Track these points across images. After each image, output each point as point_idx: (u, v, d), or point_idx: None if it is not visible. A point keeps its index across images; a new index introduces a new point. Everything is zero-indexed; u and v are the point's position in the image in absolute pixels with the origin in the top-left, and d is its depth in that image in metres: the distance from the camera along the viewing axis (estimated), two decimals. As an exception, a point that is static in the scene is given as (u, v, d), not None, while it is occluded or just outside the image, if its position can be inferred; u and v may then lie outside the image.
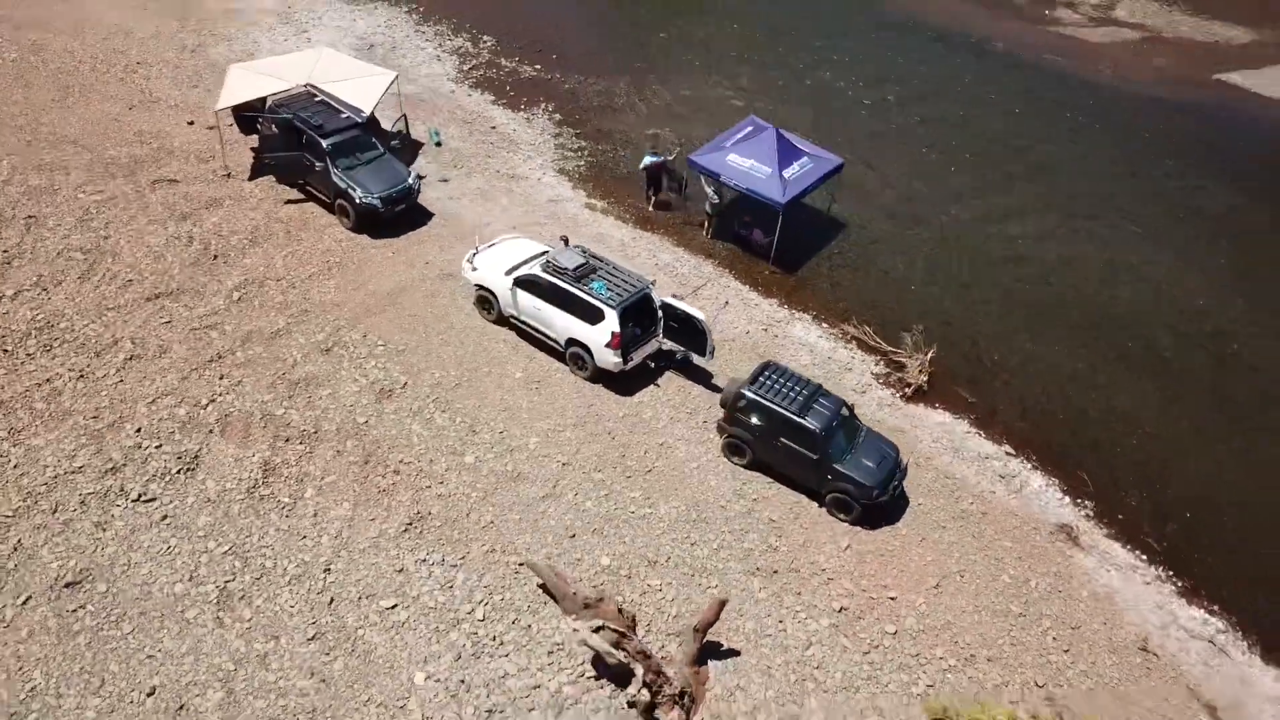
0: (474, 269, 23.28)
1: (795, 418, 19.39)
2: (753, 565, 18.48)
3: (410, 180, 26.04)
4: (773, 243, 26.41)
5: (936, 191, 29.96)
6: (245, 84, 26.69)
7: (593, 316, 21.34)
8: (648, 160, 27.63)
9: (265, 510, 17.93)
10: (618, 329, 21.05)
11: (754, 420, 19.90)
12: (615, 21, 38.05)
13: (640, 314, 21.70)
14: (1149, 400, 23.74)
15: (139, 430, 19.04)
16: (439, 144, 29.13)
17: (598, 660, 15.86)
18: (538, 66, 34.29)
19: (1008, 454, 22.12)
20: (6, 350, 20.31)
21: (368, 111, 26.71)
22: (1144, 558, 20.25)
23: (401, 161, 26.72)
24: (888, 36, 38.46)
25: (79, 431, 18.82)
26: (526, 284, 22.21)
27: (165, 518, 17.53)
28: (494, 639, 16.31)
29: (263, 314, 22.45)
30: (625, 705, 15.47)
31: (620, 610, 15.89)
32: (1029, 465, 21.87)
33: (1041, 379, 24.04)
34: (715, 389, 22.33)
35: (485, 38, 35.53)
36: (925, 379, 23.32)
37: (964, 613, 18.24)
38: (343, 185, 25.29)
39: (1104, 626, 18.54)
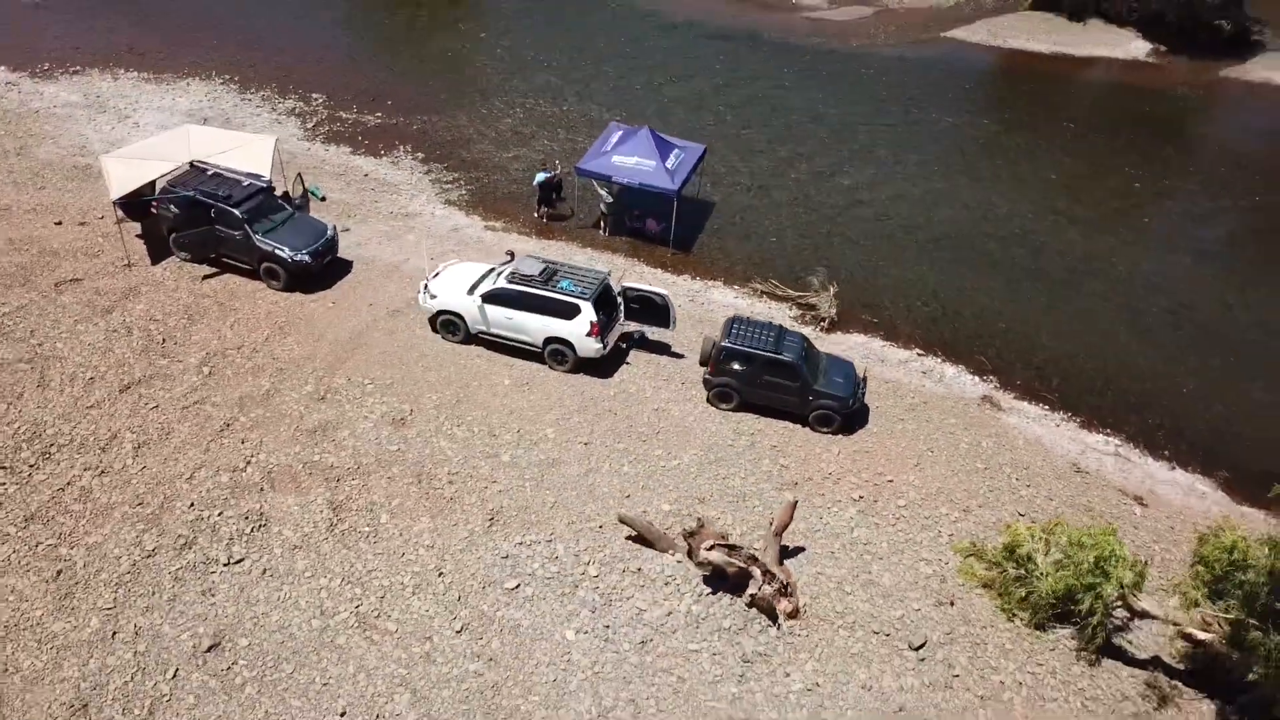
0: (432, 297, 24.82)
1: (775, 355, 22.79)
2: (777, 483, 21.64)
3: (331, 232, 27.02)
4: (669, 228, 29.64)
5: (769, 163, 34.34)
6: (129, 171, 26.44)
7: (568, 313, 23.65)
8: (540, 177, 30.02)
9: (353, 541, 18.98)
10: (595, 319, 23.52)
11: (736, 367, 23.08)
12: (430, 61, 39.75)
13: (605, 303, 24.25)
14: (998, 292, 29.23)
15: (192, 505, 19.38)
16: (323, 198, 30.02)
17: (711, 577, 18.45)
18: (379, 114, 35.56)
19: (919, 355, 26.65)
20: (4, 467, 19.80)
21: (267, 174, 27.33)
22: (1046, 408, 25.34)
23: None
24: (678, 38, 42.80)
25: (132, 520, 18.93)
26: (494, 298, 24.12)
27: (265, 571, 18.20)
28: (614, 588, 18.46)
29: (242, 380, 22.90)
30: (746, 606, 18.16)
31: (729, 548, 18.53)
32: (939, 360, 26.49)
33: (917, 293, 28.86)
34: (677, 355, 25.27)
35: (314, 95, 36.28)
36: (835, 312, 27.42)
37: (947, 478, 22.35)
38: (268, 248, 25.87)
39: (1044, 462, 23.31)
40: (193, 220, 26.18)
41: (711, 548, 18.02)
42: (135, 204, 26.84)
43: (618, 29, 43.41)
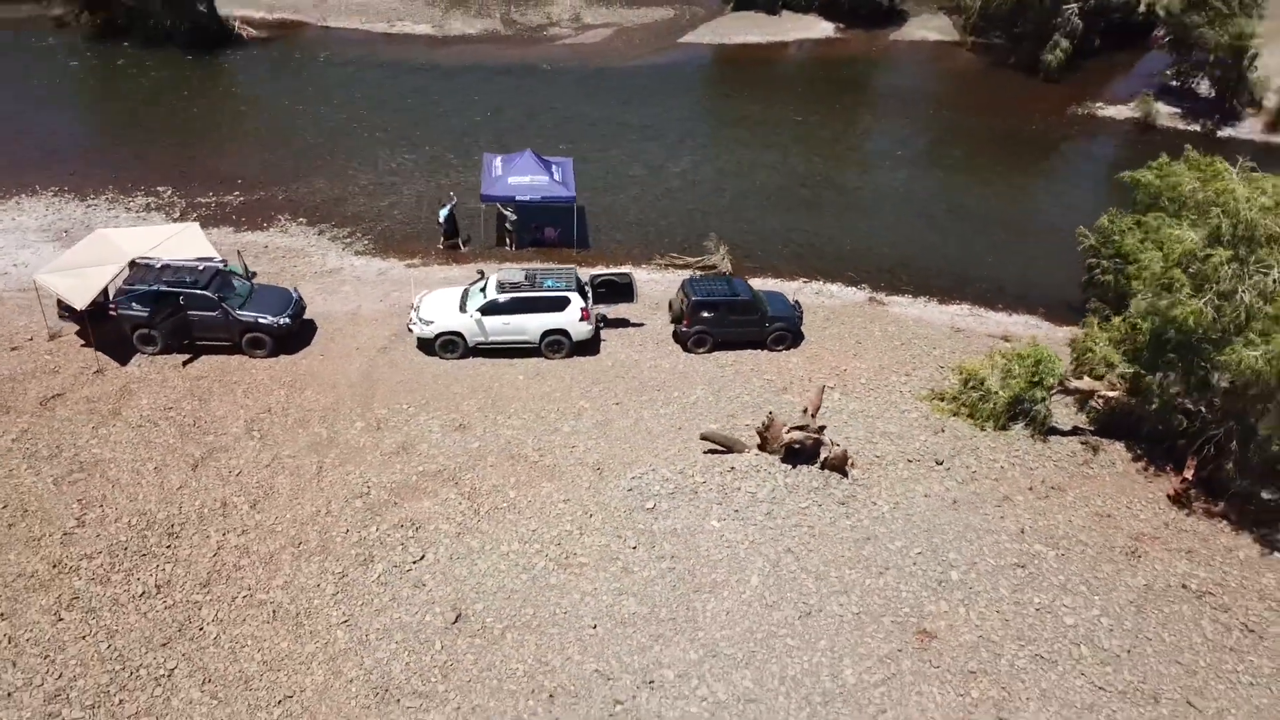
0: (428, 323, 27.82)
1: (736, 297, 28.42)
2: (774, 390, 27.29)
3: (296, 294, 28.95)
4: (570, 231, 34.21)
5: (608, 167, 39.50)
6: (79, 281, 26.60)
7: (560, 305, 27.71)
8: (444, 212, 33.37)
9: (502, 515, 22.16)
10: (584, 304, 27.86)
11: (706, 314, 28.37)
12: (239, 138, 40.62)
13: (583, 291, 28.60)
14: (831, 224, 36.67)
15: (347, 531, 21.59)
16: (253, 275, 31.24)
17: (787, 456, 23.72)
18: (235, 192, 36.62)
19: (805, 282, 33.31)
20: (143, 554, 20.87)
21: (218, 256, 28.67)
22: (911, 296, 32.94)
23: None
24: (466, 80, 46.68)
25: (304, 557, 20.85)
26: (490, 310, 27.64)
27: (451, 557, 20.98)
28: (722, 485, 23.15)
29: (296, 433, 24.71)
30: (819, 469, 23.67)
31: (773, 420, 23.82)
32: (821, 282, 33.30)
33: (777, 238, 35.55)
34: (638, 324, 30.00)
35: (158, 188, 36.51)
36: (729, 267, 33.44)
37: (881, 357, 29.06)
38: (250, 319, 27.45)
39: (932, 330, 30.75)
40: (161, 313, 27.02)
41: (790, 430, 23.28)
42: (82, 312, 26.73)
43: (406, 84, 46.35)
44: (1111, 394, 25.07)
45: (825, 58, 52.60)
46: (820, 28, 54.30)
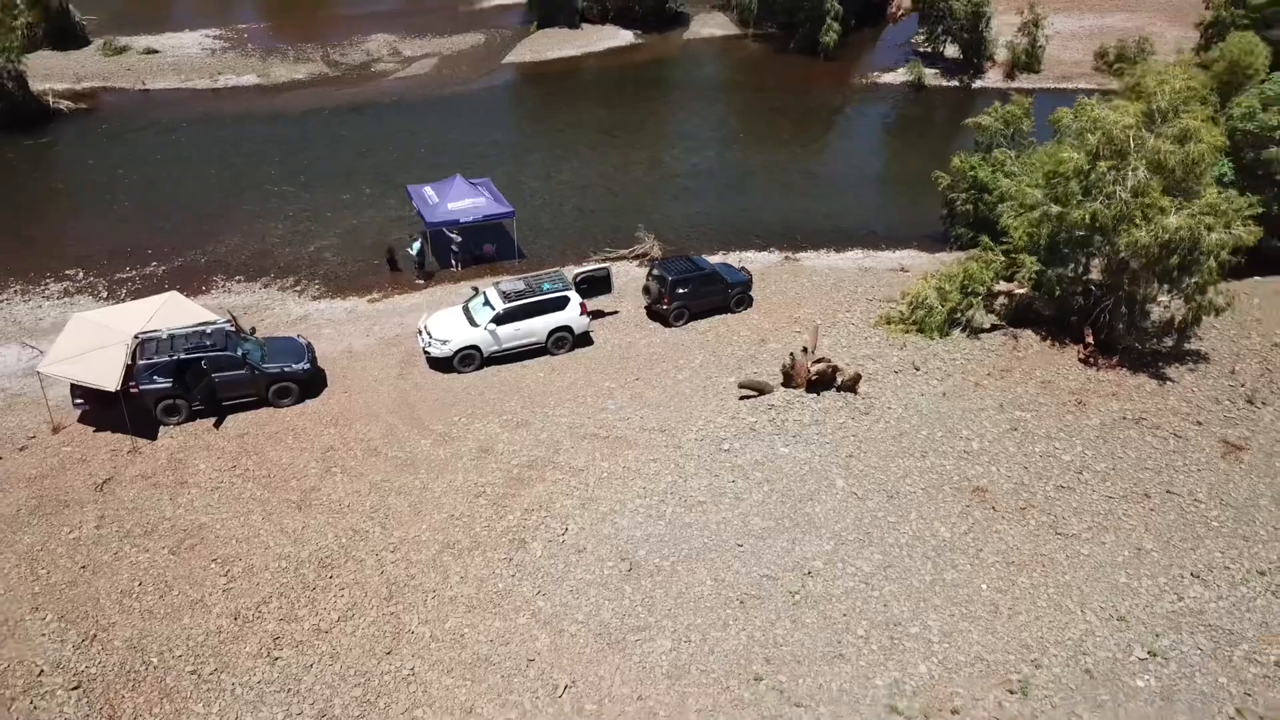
0: (445, 343, 29.97)
1: (704, 272, 32.73)
2: (756, 343, 31.84)
3: (305, 341, 30.05)
4: (512, 244, 36.99)
5: (509, 180, 41.07)
6: (92, 366, 26.52)
7: (562, 305, 30.71)
8: (417, 245, 35.10)
9: (616, 483, 25.08)
10: (582, 300, 31.14)
11: (681, 291, 32.44)
12: (142, 205, 39.80)
13: (575, 289, 31.75)
14: (717, 203, 41.80)
15: (489, 526, 23.85)
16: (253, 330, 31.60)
17: (810, 386, 28.42)
18: (153, 264, 35.84)
19: (725, 253, 38.07)
20: (312, 588, 22.29)
21: (219, 318, 29.22)
22: (813, 250, 38.54)
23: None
24: (316, 124, 47.05)
25: (465, 553, 22.98)
26: (502, 319, 30.21)
27: (600, 519, 23.99)
28: (773, 420, 27.37)
29: (373, 462, 26.01)
30: (837, 391, 28.58)
31: (794, 358, 28.44)
32: (739, 251, 38.20)
33: (682, 221, 40.01)
34: (613, 313, 33.53)
35: (67, 272, 35.23)
36: (660, 253, 37.59)
37: (821, 301, 34.28)
38: (275, 370, 28.43)
39: (845, 273, 36.56)
40: (190, 380, 27.45)
41: (814, 364, 27.98)
42: (115, 392, 26.69)
43: (260, 134, 46.10)
44: (1020, 291, 31.72)
45: (636, 61, 57.61)
46: (621, 36, 59.20)
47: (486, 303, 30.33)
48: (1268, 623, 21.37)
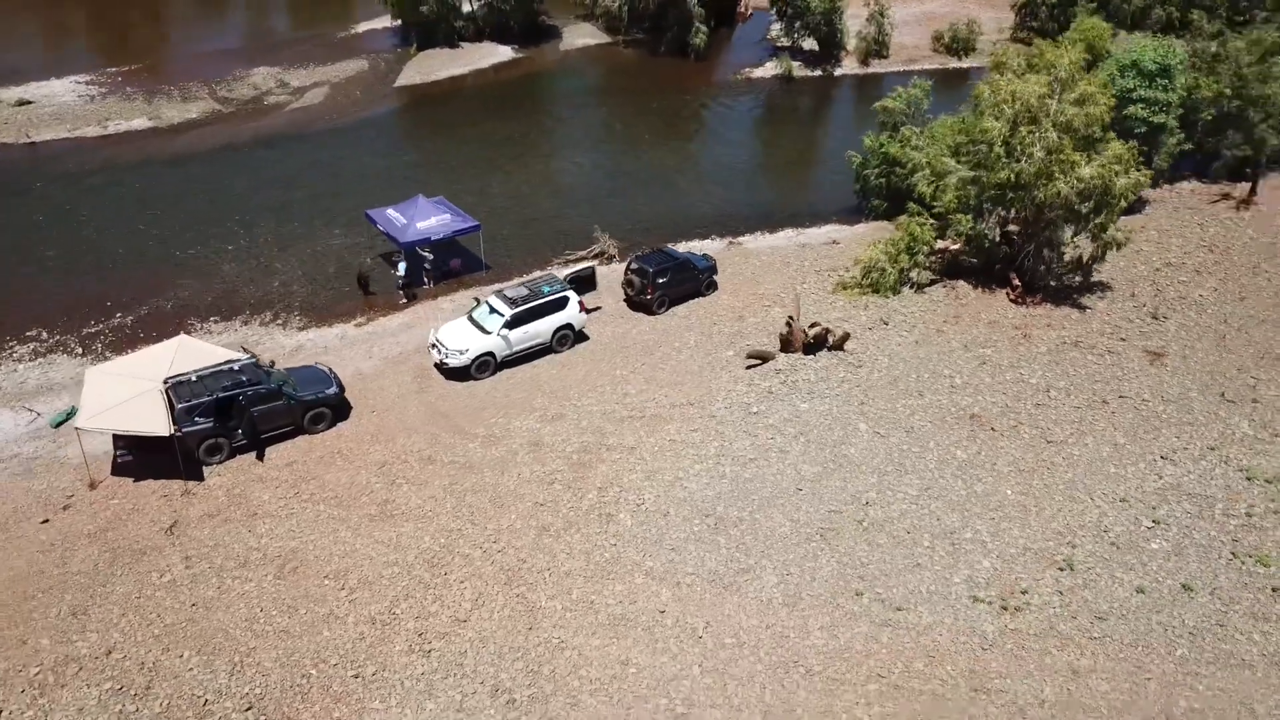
0: (463, 353, 31.54)
1: (679, 262, 35.61)
2: (736, 318, 35.01)
3: (326, 368, 30.91)
4: (481, 254, 38.61)
5: (448, 198, 43.26)
6: (139, 414, 26.74)
7: (562, 304, 32.75)
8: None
9: (669, 456, 27.55)
10: (579, 298, 33.39)
11: (662, 280, 35.20)
12: (80, 260, 38.28)
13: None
14: (649, 201, 44.58)
15: (572, 507, 25.88)
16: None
17: (807, 349, 31.84)
18: (120, 315, 34.98)
19: (672, 245, 41.04)
20: (432, 584, 23.80)
21: (240, 355, 29.73)
22: (749, 234, 42.08)
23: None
24: (224, 163, 46.08)
25: (564, 531, 25.02)
26: (512, 324, 32.00)
27: (664, 490, 26.43)
28: (784, 382, 30.56)
29: (432, 470, 27.32)
30: (829, 350, 32.12)
31: (792, 324, 31.77)
32: (685, 241, 41.24)
33: (624, 221, 42.45)
34: (597, 308, 35.92)
35: (28, 333, 34.22)
36: (616, 251, 40.14)
37: (778, 277, 37.79)
38: (311, 398, 29.28)
39: (788, 251, 40.30)
40: (226, 417, 27.99)
41: (811, 329, 31.38)
42: (170, 436, 26.80)
43: (175, 177, 44.98)
44: (954, 247, 36.30)
45: (522, 75, 59.57)
46: (500, 51, 60.95)
47: (493, 310, 31.95)
48: (1229, 485, 26.27)
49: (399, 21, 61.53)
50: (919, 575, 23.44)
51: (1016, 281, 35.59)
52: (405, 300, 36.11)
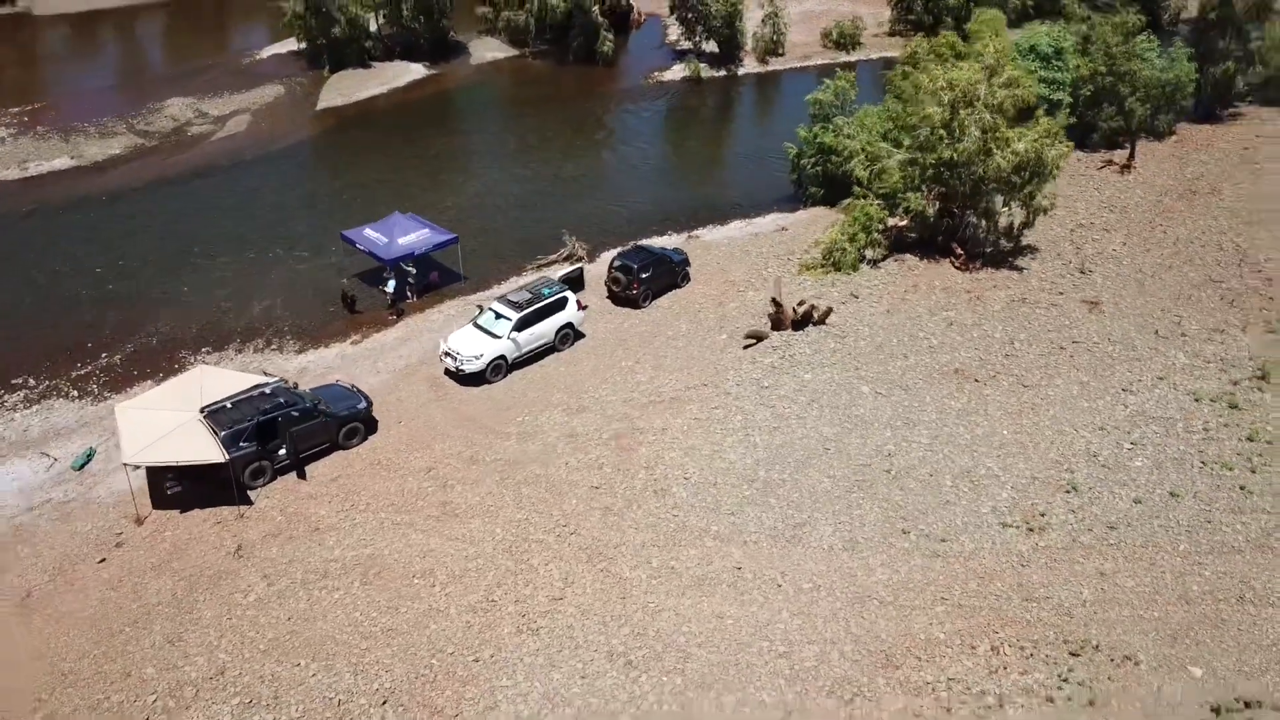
0: (478, 358, 32.89)
1: (660, 258, 37.86)
2: (717, 304, 37.44)
3: (351, 385, 31.74)
4: (460, 266, 39.78)
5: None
6: (187, 444, 27.15)
7: (563, 304, 34.44)
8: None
9: (698, 432, 29.75)
10: (576, 297, 35.20)
11: (645, 275, 37.34)
12: (45, 307, 36.83)
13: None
14: (599, 204, 46.54)
15: (626, 487, 27.84)
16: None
17: (795, 325, 34.60)
18: (105, 355, 34.42)
19: (634, 243, 43.24)
20: (519, 571, 25.32)
21: (269, 379, 30.27)
22: (706, 226, 44.63)
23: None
24: (159, 199, 45.32)
25: (626, 508, 26.88)
26: (521, 325, 33.51)
27: (705, 462, 28.58)
28: (784, 356, 33.13)
29: (475, 468, 28.59)
30: (814, 324, 34.97)
31: (779, 304, 34.44)
32: (646, 239, 43.49)
33: (584, 224, 44.32)
34: (585, 307, 37.74)
35: (16, 380, 33.62)
36: (584, 253, 41.99)
37: (743, 264, 40.43)
38: (345, 413, 30.11)
39: (745, 238, 43.07)
40: (267, 439, 28.60)
41: (799, 307, 34.13)
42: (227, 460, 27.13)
43: (113, 215, 44.08)
44: (902, 224, 39.81)
45: (441, 91, 60.42)
46: (414, 69, 61.55)
47: (499, 316, 33.32)
48: (1183, 407, 30.37)
49: (304, 45, 61.23)
50: (952, 511, 26.36)
51: (960, 250, 39.28)
52: (394, 316, 36.91)
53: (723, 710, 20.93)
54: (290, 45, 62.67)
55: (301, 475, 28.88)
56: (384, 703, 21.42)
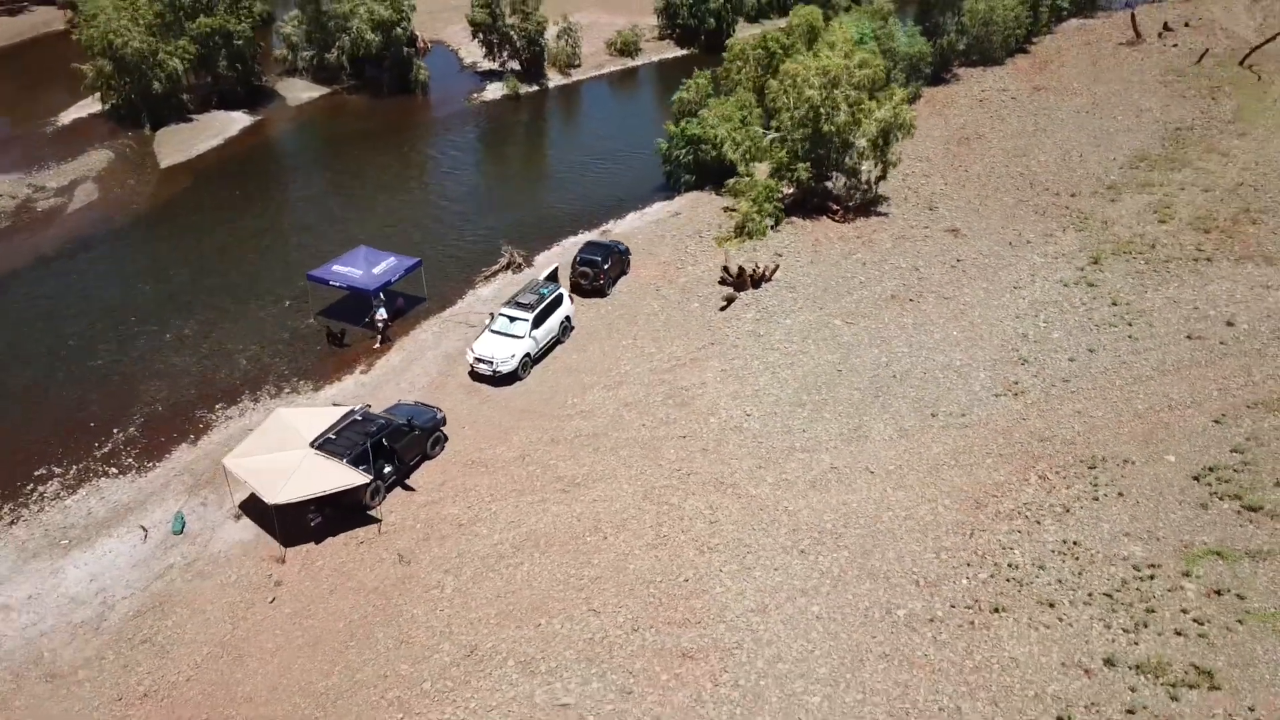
0: (511, 358, 36.32)
1: (615, 250, 42.78)
2: (669, 281, 43.03)
3: (410, 401, 34.13)
4: (424, 289, 42.31)
5: (336, 246, 45.36)
6: (322, 473, 28.83)
7: (560, 302, 38.58)
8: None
9: (736, 388, 35.49)
10: (570, 295, 39.45)
11: (607, 267, 42.00)
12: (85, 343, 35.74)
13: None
14: (503, 214, 50.39)
15: (706, 451, 33.00)
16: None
17: (755, 283, 40.94)
18: (119, 430, 34.08)
19: (559, 243, 47.64)
20: (656, 543, 29.87)
21: (358, 406, 32.16)
22: (609, 222, 49.84)
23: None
24: (67, 270, 43.39)
25: (719, 488, 32.15)
26: (535, 324, 37.31)
27: (762, 421, 34.37)
28: (762, 310, 39.57)
29: (561, 449, 32.26)
30: (766, 281, 41.50)
31: (742, 268, 40.63)
32: (565, 239, 47.97)
33: (505, 236, 48.13)
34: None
35: (39, 471, 32.49)
36: (521, 260, 45.82)
37: (664, 247, 45.83)
38: (430, 425, 32.70)
39: (654, 227, 48.77)
40: (378, 460, 30.81)
41: (755, 271, 40.50)
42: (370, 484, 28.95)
43: (29, 292, 42.49)
44: (789, 191, 47.34)
45: (278, 134, 60.23)
46: (237, 117, 60.72)
47: (514, 319, 36.78)
48: (1060, 291, 39.94)
49: (108, 105, 58.81)
50: (954, 394, 33.85)
51: (836, 206, 47.35)
52: (380, 344, 38.90)
53: (901, 560, 26.82)
54: (92, 107, 59.61)
55: (409, 488, 31.10)
56: (634, 630, 25.22)
